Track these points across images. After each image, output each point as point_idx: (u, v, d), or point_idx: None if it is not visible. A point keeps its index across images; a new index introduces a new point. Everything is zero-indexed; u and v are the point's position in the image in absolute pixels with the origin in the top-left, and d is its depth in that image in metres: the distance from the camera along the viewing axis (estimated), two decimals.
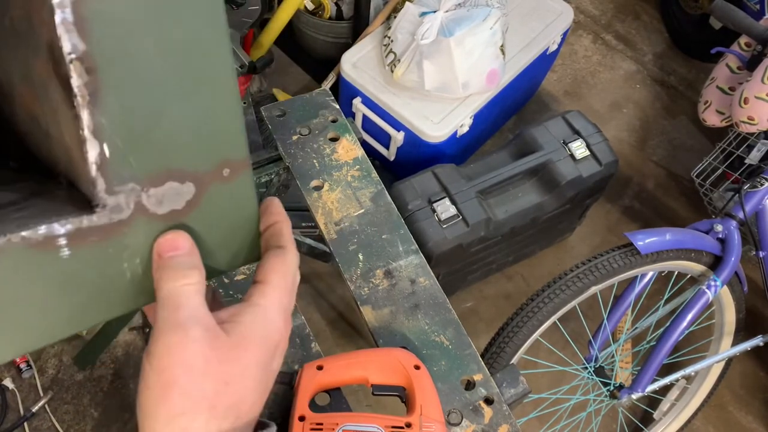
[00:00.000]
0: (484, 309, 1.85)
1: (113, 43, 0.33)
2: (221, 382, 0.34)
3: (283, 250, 0.39)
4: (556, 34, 1.88)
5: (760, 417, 1.76)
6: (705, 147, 2.13)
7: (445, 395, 0.67)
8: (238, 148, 0.40)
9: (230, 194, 0.41)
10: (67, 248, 0.35)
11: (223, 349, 0.34)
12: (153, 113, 0.36)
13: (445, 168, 1.55)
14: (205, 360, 0.33)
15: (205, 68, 0.37)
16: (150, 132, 0.36)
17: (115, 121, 0.34)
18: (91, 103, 0.33)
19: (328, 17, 1.99)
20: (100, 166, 0.35)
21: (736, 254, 1.38)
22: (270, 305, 0.37)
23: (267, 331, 0.36)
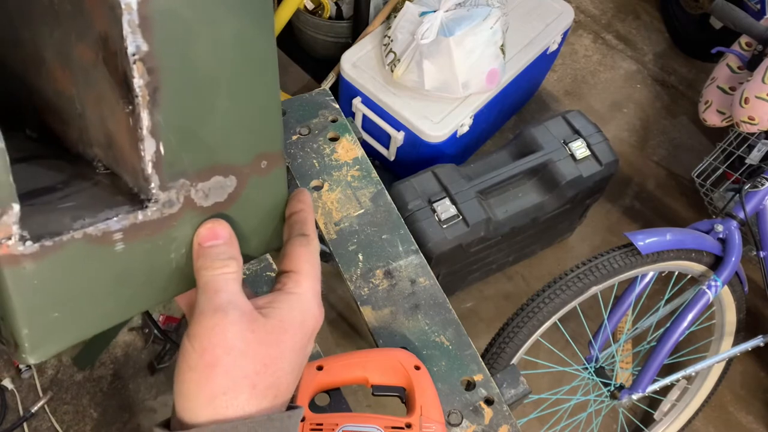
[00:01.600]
0: (484, 309, 1.85)
1: (174, 42, 0.34)
2: (261, 363, 0.35)
3: (308, 239, 0.41)
4: (557, 33, 1.88)
5: (760, 417, 1.76)
6: (705, 147, 2.13)
7: (445, 395, 0.67)
8: (275, 141, 0.42)
9: (266, 185, 0.43)
10: (122, 242, 0.37)
11: (261, 332, 0.35)
12: (205, 110, 0.37)
13: (445, 168, 1.55)
14: (245, 342, 0.34)
15: (254, 63, 0.38)
16: (202, 128, 0.37)
17: (172, 119, 0.35)
18: (151, 103, 0.34)
19: (328, 17, 1.99)
20: (156, 164, 0.36)
21: (736, 254, 1.38)
22: (305, 293, 0.38)
23: (304, 317, 0.38)
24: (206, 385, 0.34)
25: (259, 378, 0.35)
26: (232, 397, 0.34)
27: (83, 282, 0.36)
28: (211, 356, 0.34)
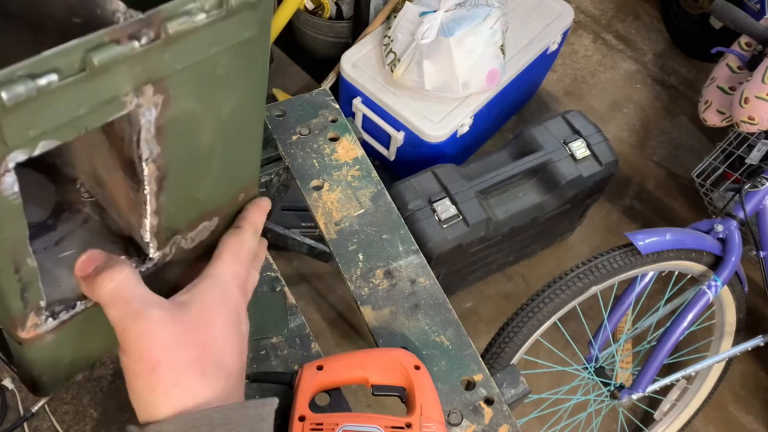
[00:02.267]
0: (484, 309, 1.85)
1: (182, 138, 0.35)
2: (199, 348, 0.35)
3: (239, 230, 0.42)
4: (557, 33, 1.88)
5: (760, 417, 1.76)
6: (705, 147, 2.13)
7: (445, 395, 0.67)
8: (253, 175, 0.44)
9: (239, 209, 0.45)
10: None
11: (188, 322, 0.36)
12: (202, 177, 0.39)
13: (445, 168, 1.55)
14: (175, 334, 0.35)
15: (245, 127, 0.39)
16: (197, 193, 0.39)
17: (173, 197, 0.37)
18: (158, 191, 0.35)
19: (328, 17, 1.99)
20: (156, 234, 0.38)
21: (736, 254, 1.38)
22: (221, 274, 0.39)
23: (224, 295, 0.38)
24: (157, 384, 0.34)
25: (203, 362, 0.35)
26: (184, 387, 0.34)
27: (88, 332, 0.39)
28: (149, 359, 0.34)
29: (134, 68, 0.28)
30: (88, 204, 0.42)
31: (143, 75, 0.29)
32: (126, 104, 0.29)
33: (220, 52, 0.32)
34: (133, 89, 0.29)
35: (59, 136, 0.27)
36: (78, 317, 0.38)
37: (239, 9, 0.31)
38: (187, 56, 0.31)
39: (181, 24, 0.29)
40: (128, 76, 0.28)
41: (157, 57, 0.29)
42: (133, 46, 0.27)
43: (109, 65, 0.27)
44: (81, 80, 0.26)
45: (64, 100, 0.26)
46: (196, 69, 0.32)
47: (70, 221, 0.41)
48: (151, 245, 0.38)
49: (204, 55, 0.32)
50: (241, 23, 0.32)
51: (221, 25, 0.31)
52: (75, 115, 0.27)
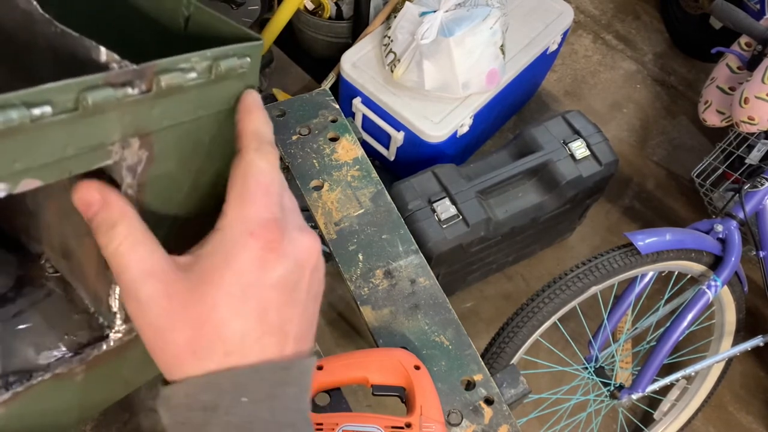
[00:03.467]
0: (484, 309, 1.85)
1: (160, 198, 0.34)
2: (190, 328, 0.31)
3: (239, 155, 0.33)
4: (556, 33, 1.88)
5: (760, 417, 1.76)
6: (705, 147, 2.13)
7: (445, 395, 0.67)
8: None
9: None
10: (83, 373, 0.37)
11: (181, 295, 0.31)
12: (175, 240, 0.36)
13: (445, 168, 1.55)
14: (165, 314, 0.30)
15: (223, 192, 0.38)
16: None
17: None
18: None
19: (328, 17, 1.99)
20: (122, 306, 0.36)
21: (736, 254, 1.38)
22: (227, 225, 0.32)
23: (229, 253, 0.31)
24: (156, 359, 0.31)
25: (195, 344, 0.31)
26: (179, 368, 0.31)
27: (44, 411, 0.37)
28: (146, 339, 0.31)
29: (124, 117, 0.29)
30: (52, 279, 0.40)
31: (131, 126, 0.29)
32: (111, 154, 0.29)
33: (205, 117, 0.33)
34: (120, 139, 0.29)
35: (43, 175, 0.27)
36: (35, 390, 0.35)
37: (228, 75, 0.32)
38: (174, 114, 0.31)
39: (172, 78, 0.29)
40: (117, 124, 0.29)
41: (146, 110, 0.29)
42: (126, 92, 0.27)
43: (101, 107, 0.27)
44: (72, 119, 0.26)
45: (53, 137, 0.26)
46: (182, 130, 0.32)
47: (32, 295, 0.39)
48: (118, 316, 0.36)
49: (190, 117, 0.32)
50: (229, 90, 0.33)
51: (209, 89, 0.32)
52: (62, 155, 0.27)
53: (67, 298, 0.39)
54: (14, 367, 0.35)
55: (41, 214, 0.39)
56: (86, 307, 0.39)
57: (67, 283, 0.40)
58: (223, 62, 0.31)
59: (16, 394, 0.34)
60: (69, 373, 0.36)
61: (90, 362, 0.37)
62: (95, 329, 0.37)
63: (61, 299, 0.39)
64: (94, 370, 0.38)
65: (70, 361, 0.36)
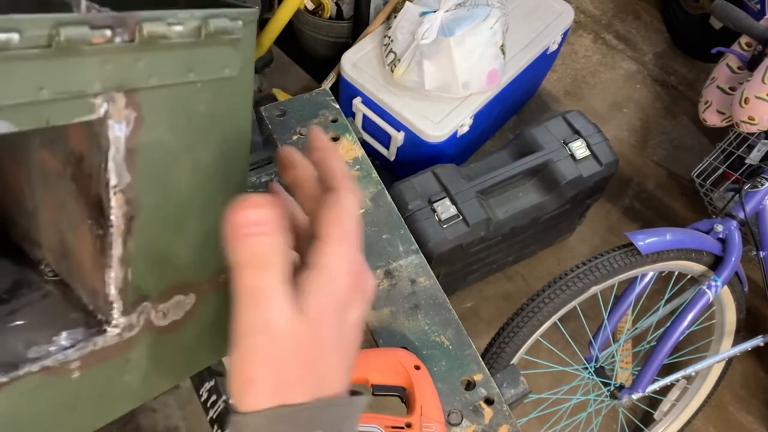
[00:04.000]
0: (485, 309, 1.85)
1: (155, 172, 0.33)
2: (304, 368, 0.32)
3: (335, 194, 0.34)
4: (557, 33, 1.88)
5: (760, 417, 1.76)
6: (705, 147, 2.13)
7: (445, 395, 0.67)
8: None
9: (220, 297, 0.41)
10: (79, 371, 0.35)
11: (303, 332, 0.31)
12: (177, 233, 0.35)
13: (445, 168, 1.55)
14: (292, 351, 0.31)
15: (228, 185, 0.37)
16: (171, 251, 0.36)
17: (143, 246, 0.34)
18: (125, 232, 0.33)
19: (328, 17, 1.99)
20: (122, 290, 0.34)
21: (736, 254, 1.38)
22: (331, 264, 0.32)
23: (333, 293, 0.32)
24: (249, 392, 0.31)
25: (303, 381, 0.32)
26: (269, 400, 0.31)
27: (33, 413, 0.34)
28: (247, 371, 0.31)
29: (105, 66, 0.27)
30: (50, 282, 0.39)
31: (114, 78, 0.28)
32: (94, 107, 0.28)
33: (199, 85, 0.32)
34: (102, 90, 0.28)
35: (16, 118, 0.25)
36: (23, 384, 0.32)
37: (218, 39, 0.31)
38: (162, 72, 0.30)
39: (156, 27, 0.28)
40: (98, 73, 0.27)
41: (130, 61, 0.28)
42: (105, 34, 0.26)
43: (77, 48, 0.26)
44: (45, 55, 0.25)
45: (24, 73, 0.25)
46: (173, 95, 0.31)
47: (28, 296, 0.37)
48: (115, 306, 0.34)
49: (181, 79, 0.31)
50: (221, 57, 0.32)
51: (200, 51, 0.31)
52: (35, 98, 0.26)
53: (65, 299, 0.38)
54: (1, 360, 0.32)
55: (39, 213, 0.38)
56: (84, 306, 0.37)
57: (66, 285, 0.38)
58: (213, 21, 0.30)
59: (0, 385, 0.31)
60: (62, 368, 0.34)
61: (86, 359, 0.35)
62: (93, 326, 0.35)
63: (58, 300, 0.38)
64: (92, 370, 0.35)
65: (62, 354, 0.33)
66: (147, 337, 0.37)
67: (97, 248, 0.33)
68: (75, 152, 0.32)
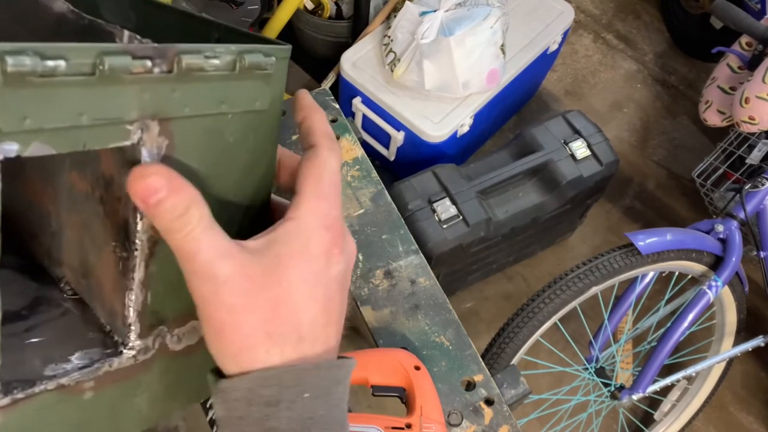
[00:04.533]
0: (485, 309, 1.85)
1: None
2: (268, 309, 0.31)
3: (313, 150, 0.35)
4: (557, 33, 1.88)
5: (761, 418, 1.76)
6: (706, 147, 2.13)
7: (445, 396, 0.67)
8: None
9: None
10: (92, 391, 0.35)
11: (259, 277, 0.31)
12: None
13: (445, 168, 1.55)
14: (243, 295, 0.31)
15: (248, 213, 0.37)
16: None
17: (164, 270, 0.34)
18: (149, 255, 0.33)
19: (328, 17, 1.99)
20: (140, 313, 0.35)
21: (737, 254, 1.38)
22: (303, 216, 0.33)
23: (306, 242, 0.33)
24: (224, 348, 0.32)
25: (271, 326, 0.31)
26: (250, 353, 0.31)
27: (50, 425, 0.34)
28: (215, 322, 0.31)
29: (143, 95, 0.28)
30: (69, 301, 0.39)
31: (151, 106, 0.29)
32: (129, 134, 0.29)
33: (230, 116, 0.32)
34: (138, 117, 0.29)
35: (55, 142, 0.26)
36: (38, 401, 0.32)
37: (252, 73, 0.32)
38: (196, 103, 0.31)
39: (194, 60, 0.29)
40: (135, 101, 0.28)
41: (167, 91, 0.29)
42: (145, 64, 0.27)
43: (119, 76, 0.26)
44: (88, 83, 0.26)
45: (66, 98, 0.26)
46: (205, 124, 0.32)
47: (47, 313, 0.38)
48: (132, 328, 0.35)
49: (213, 110, 0.32)
50: (253, 91, 0.33)
51: (233, 84, 0.31)
52: (76, 123, 0.26)
53: (84, 318, 0.38)
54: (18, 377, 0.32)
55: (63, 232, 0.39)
56: (102, 326, 0.37)
57: (84, 304, 0.39)
58: (248, 56, 0.31)
59: (15, 401, 0.32)
60: (76, 388, 0.34)
61: (100, 379, 0.35)
62: (109, 347, 0.36)
63: (77, 319, 0.38)
64: (105, 391, 0.36)
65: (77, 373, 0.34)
66: (161, 360, 0.38)
67: (119, 270, 0.34)
68: (105, 175, 0.33)
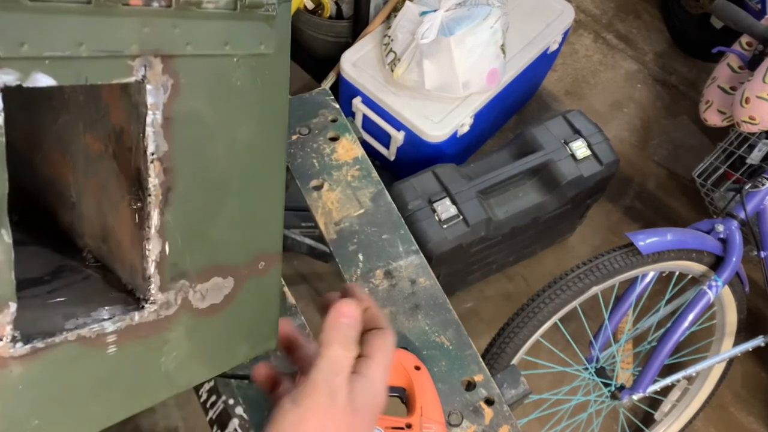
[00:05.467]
0: (485, 309, 1.85)
1: (192, 143, 0.34)
2: None
3: (384, 332, 0.44)
4: (557, 33, 1.88)
5: (761, 418, 1.76)
6: (706, 147, 2.13)
7: (445, 396, 0.67)
8: (276, 242, 0.42)
9: (261, 286, 0.42)
10: (115, 345, 0.35)
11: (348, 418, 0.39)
12: (214, 210, 0.37)
13: (445, 168, 1.55)
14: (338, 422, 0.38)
15: (264, 166, 0.38)
16: (208, 228, 0.37)
17: (181, 219, 0.35)
18: (163, 202, 0.34)
19: (328, 16, 1.99)
20: (159, 264, 0.35)
21: (737, 254, 1.38)
22: (376, 378, 0.42)
23: (375, 400, 0.41)
24: None
25: None
26: None
27: (68, 386, 0.34)
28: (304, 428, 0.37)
29: (142, 29, 0.28)
30: (91, 268, 0.40)
31: (151, 42, 0.29)
32: (132, 70, 0.29)
33: (236, 59, 0.33)
34: (140, 53, 0.29)
35: (56, 73, 0.26)
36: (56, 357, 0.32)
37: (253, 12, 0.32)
38: (199, 41, 0.31)
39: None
40: (135, 34, 0.28)
41: (167, 27, 0.29)
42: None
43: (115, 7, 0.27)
44: (85, 11, 0.26)
45: (64, 26, 0.26)
46: (210, 66, 0.32)
47: (69, 278, 0.38)
48: (153, 281, 0.35)
49: (217, 51, 0.32)
50: (257, 33, 0.33)
51: (236, 24, 0.32)
52: (75, 53, 0.26)
53: (106, 280, 0.39)
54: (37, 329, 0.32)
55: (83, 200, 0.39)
56: (124, 286, 0.38)
57: (106, 270, 0.40)
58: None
59: (36, 350, 0.31)
60: (98, 341, 0.34)
61: (123, 333, 0.35)
62: (131, 304, 0.36)
63: (99, 281, 0.39)
64: (128, 346, 0.35)
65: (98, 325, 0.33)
66: (185, 318, 0.38)
67: (135, 223, 0.34)
68: (116, 127, 0.34)
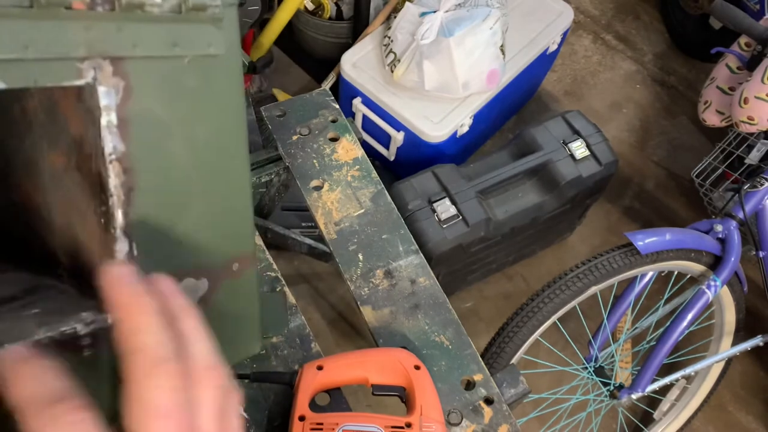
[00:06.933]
0: (484, 309, 1.85)
1: (150, 143, 0.34)
2: None
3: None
4: (556, 34, 1.88)
5: (760, 417, 1.76)
6: (705, 147, 2.13)
7: (445, 395, 0.67)
8: (247, 243, 0.41)
9: (238, 288, 0.41)
10: (90, 348, 0.35)
11: None
12: (178, 210, 0.37)
13: (445, 168, 1.55)
14: None
15: (226, 165, 0.38)
16: (175, 229, 0.37)
17: (145, 219, 0.35)
18: (126, 203, 0.34)
19: (328, 17, 1.99)
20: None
21: (736, 254, 1.38)
22: None
23: None
24: None
25: None
26: None
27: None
28: None
29: (88, 32, 0.29)
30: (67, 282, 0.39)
31: (98, 44, 0.29)
32: (81, 72, 0.29)
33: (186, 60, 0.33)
34: (87, 55, 0.29)
35: (5, 76, 0.27)
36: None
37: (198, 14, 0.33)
38: (146, 43, 0.31)
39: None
40: (80, 37, 0.29)
41: (112, 30, 0.30)
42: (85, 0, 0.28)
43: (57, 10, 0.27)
44: (28, 15, 0.26)
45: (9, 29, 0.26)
46: (161, 67, 0.32)
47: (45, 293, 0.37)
48: None
49: (167, 52, 0.32)
50: (205, 34, 0.33)
51: (183, 27, 0.32)
52: (22, 55, 0.27)
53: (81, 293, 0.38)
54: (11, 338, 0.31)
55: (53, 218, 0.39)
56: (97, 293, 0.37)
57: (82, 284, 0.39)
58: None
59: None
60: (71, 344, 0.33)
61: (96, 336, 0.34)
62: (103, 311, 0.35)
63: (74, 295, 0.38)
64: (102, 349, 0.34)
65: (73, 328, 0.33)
66: None
67: (101, 226, 0.34)
68: (76, 137, 0.34)
